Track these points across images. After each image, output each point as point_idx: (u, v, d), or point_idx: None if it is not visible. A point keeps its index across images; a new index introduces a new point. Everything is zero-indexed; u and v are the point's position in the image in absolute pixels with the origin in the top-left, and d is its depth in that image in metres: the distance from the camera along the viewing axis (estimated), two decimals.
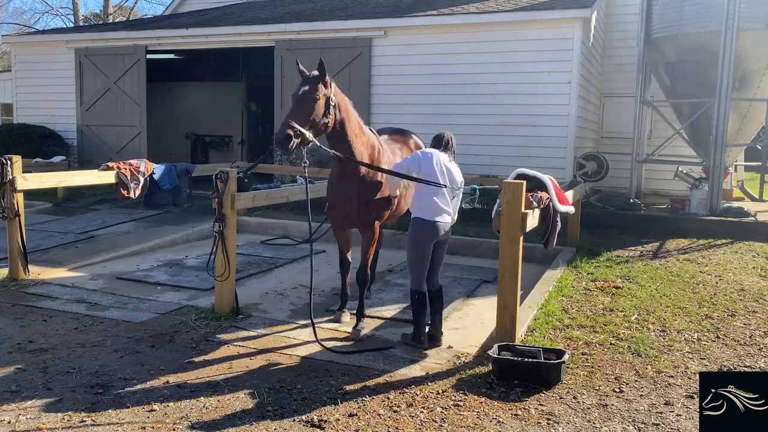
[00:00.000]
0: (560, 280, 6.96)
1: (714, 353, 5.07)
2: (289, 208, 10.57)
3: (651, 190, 13.29)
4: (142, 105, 14.04)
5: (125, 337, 5.24)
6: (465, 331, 5.61)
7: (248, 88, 17.00)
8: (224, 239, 5.70)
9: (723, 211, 10.37)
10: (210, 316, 5.74)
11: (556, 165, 10.60)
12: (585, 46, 11.20)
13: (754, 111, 11.27)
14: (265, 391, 4.25)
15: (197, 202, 11.12)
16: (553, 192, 5.74)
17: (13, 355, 4.81)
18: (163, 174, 10.11)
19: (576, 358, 4.89)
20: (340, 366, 4.72)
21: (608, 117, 14.05)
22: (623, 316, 5.90)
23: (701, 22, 10.56)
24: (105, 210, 11.29)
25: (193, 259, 8.13)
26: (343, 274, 5.88)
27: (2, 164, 6.64)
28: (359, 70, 11.99)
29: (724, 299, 6.46)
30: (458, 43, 11.46)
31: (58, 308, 5.96)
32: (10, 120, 17.09)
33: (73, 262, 7.70)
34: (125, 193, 8.51)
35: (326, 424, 3.82)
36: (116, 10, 34.46)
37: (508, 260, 4.92)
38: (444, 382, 4.46)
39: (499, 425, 3.85)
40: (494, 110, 11.17)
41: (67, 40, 14.82)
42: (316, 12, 13.94)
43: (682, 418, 3.97)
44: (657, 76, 12.04)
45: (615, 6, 13.77)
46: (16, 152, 7.28)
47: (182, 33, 13.61)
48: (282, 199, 7.59)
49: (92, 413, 3.90)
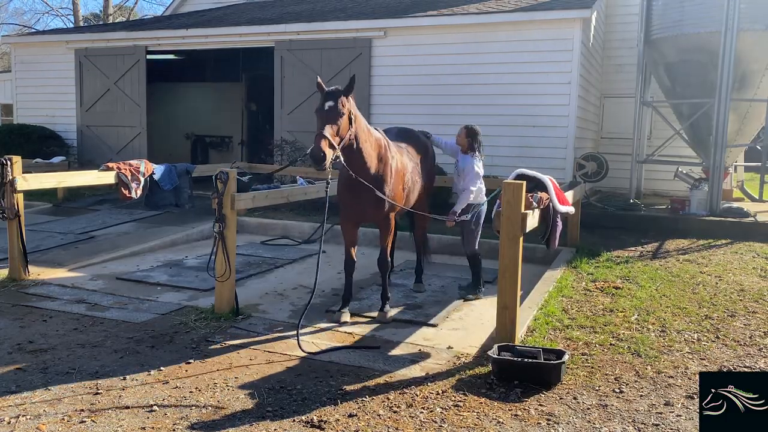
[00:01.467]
0: (560, 281, 6.96)
1: (714, 353, 5.07)
2: (289, 208, 10.58)
3: (651, 191, 13.29)
4: (142, 105, 14.04)
5: (125, 338, 5.24)
6: (465, 332, 5.61)
7: (248, 88, 17.00)
8: (224, 240, 5.71)
9: (723, 212, 10.37)
10: (210, 317, 5.74)
11: (556, 165, 10.60)
12: (585, 46, 11.21)
13: (754, 111, 11.27)
14: (265, 392, 4.25)
15: (197, 202, 11.10)
16: (553, 192, 5.74)
17: (13, 355, 4.82)
18: (163, 174, 10.09)
19: (576, 358, 4.89)
20: (340, 366, 4.72)
21: (608, 117, 14.05)
22: (623, 316, 5.90)
23: (701, 22, 10.56)
24: (105, 210, 11.30)
25: (193, 260, 8.13)
26: (348, 273, 5.94)
27: (2, 165, 6.64)
28: (359, 70, 11.97)
29: (724, 300, 6.46)
30: (458, 43, 11.46)
31: (58, 308, 5.96)
32: (10, 120, 17.09)
33: (73, 262, 7.70)
34: (126, 193, 8.50)
35: (326, 424, 3.82)
36: (116, 11, 34.46)
37: (508, 260, 4.92)
38: (444, 382, 4.46)
39: (499, 426, 3.85)
40: (494, 110, 11.16)
41: (67, 41, 14.83)
42: (316, 12, 13.95)
43: (682, 419, 3.97)
44: (657, 76, 12.05)
45: (615, 6, 13.77)
46: (16, 153, 7.28)
47: (182, 33, 13.62)
48: (282, 199, 7.58)
49: (92, 413, 3.90)
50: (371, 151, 5.51)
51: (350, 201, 5.71)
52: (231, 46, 13.78)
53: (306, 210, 10.75)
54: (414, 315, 6.03)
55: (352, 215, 5.84)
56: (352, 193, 5.62)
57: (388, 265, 6.02)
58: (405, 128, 6.86)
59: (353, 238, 5.96)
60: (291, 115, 12.67)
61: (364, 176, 5.47)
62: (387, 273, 6.04)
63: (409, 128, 6.91)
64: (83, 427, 3.74)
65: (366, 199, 5.60)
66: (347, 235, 5.92)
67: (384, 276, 5.98)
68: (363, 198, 5.60)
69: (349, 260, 5.92)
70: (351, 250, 5.93)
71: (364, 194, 5.57)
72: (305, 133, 12.45)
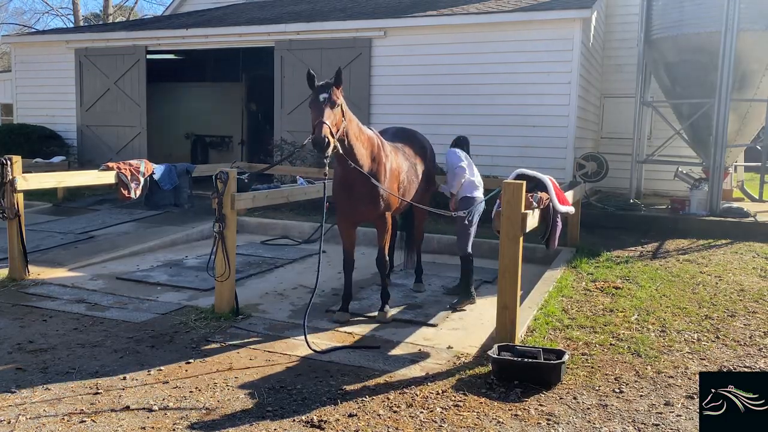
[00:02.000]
0: (560, 281, 6.96)
1: (714, 353, 5.07)
2: (289, 208, 10.58)
3: (651, 191, 13.29)
4: (142, 105, 14.04)
5: (125, 338, 5.24)
6: (465, 332, 5.61)
7: (248, 88, 17.00)
8: (224, 239, 5.71)
9: (723, 212, 10.37)
10: (210, 317, 5.74)
11: (556, 165, 10.60)
12: (585, 46, 11.21)
13: (754, 111, 11.27)
14: (265, 392, 4.25)
15: (197, 202, 11.10)
16: (553, 192, 5.74)
17: (13, 355, 4.82)
18: (163, 174, 10.08)
19: (576, 358, 4.89)
20: (340, 366, 4.72)
21: (608, 117, 14.05)
22: (623, 316, 5.90)
23: (701, 22, 10.56)
24: (105, 210, 11.30)
25: (193, 260, 8.13)
26: (347, 273, 5.94)
27: (2, 164, 6.64)
28: (359, 70, 11.99)
29: (724, 300, 6.46)
30: (458, 43, 11.46)
31: (58, 308, 5.96)
32: (10, 120, 17.09)
33: (73, 262, 7.70)
34: (126, 193, 8.49)
35: (326, 424, 3.82)
36: (116, 11, 34.46)
37: (508, 260, 4.92)
38: (444, 382, 4.46)
39: (499, 426, 3.85)
40: (494, 110, 11.17)
41: (67, 41, 14.83)
42: (315, 12, 13.94)
43: (682, 419, 3.97)
44: (657, 76, 12.04)
45: (615, 6, 13.77)
46: (16, 152, 7.28)
47: (182, 33, 13.61)
48: (282, 199, 7.58)
49: (92, 413, 3.90)
50: (362, 149, 5.46)
51: (346, 200, 5.72)
52: (231, 46, 13.78)
53: (306, 210, 10.75)
54: (414, 315, 6.03)
55: (348, 214, 5.84)
56: (347, 192, 5.64)
57: (386, 265, 6.03)
58: (403, 128, 6.85)
59: (351, 238, 5.97)
60: (291, 115, 12.67)
61: (356, 174, 5.44)
62: (386, 272, 6.06)
63: (408, 128, 6.89)
64: (83, 427, 3.74)
65: (361, 198, 5.60)
66: (345, 235, 5.94)
67: (383, 275, 5.99)
68: (358, 197, 5.61)
69: (348, 260, 5.94)
70: (350, 249, 5.94)
71: (358, 193, 5.57)
72: (305, 133, 12.37)
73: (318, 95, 5.05)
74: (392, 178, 5.80)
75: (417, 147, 6.59)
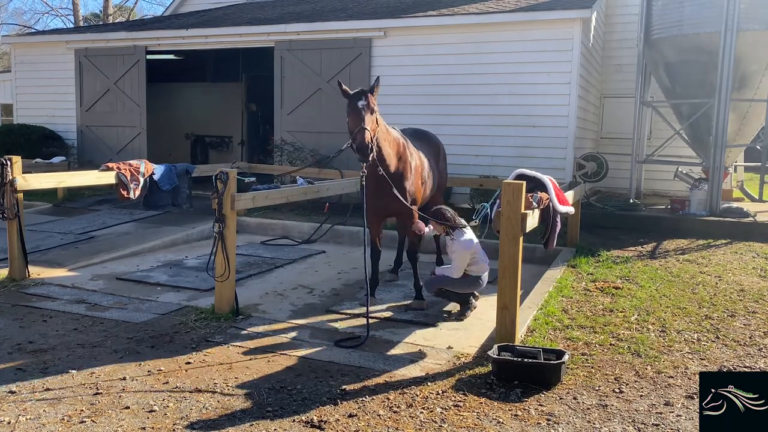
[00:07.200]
0: (560, 281, 6.96)
1: (714, 353, 5.07)
2: (289, 208, 10.58)
3: (651, 191, 13.29)
4: (142, 105, 14.03)
5: (125, 338, 5.24)
6: (465, 332, 5.61)
7: (248, 88, 17.00)
8: (224, 240, 5.71)
9: (723, 212, 10.37)
10: (210, 317, 5.74)
11: (556, 165, 10.59)
12: (585, 46, 11.21)
13: (753, 111, 11.27)
14: (265, 392, 4.25)
15: (197, 202, 11.11)
16: (553, 192, 5.74)
17: (13, 355, 4.82)
18: (163, 175, 10.10)
19: (576, 358, 4.89)
20: (340, 366, 4.73)
21: (608, 117, 14.05)
22: (623, 316, 5.90)
23: (701, 22, 10.55)
24: (105, 210, 11.30)
25: (193, 260, 8.13)
26: (374, 261, 6.40)
27: (2, 165, 6.65)
28: (359, 70, 11.98)
29: (724, 300, 6.46)
30: (458, 43, 11.45)
31: (58, 309, 5.96)
32: (10, 120, 17.09)
33: (73, 262, 7.70)
34: (125, 193, 8.50)
35: (326, 424, 3.82)
36: (116, 11, 34.48)
37: (507, 261, 4.92)
38: (444, 382, 4.46)
39: (499, 426, 3.85)
40: (494, 111, 11.16)
41: (67, 41, 14.82)
42: (316, 12, 13.94)
43: (682, 419, 3.97)
44: (657, 76, 12.04)
45: (615, 6, 13.77)
46: (16, 153, 7.28)
47: (182, 33, 13.60)
48: (282, 199, 7.58)
49: (92, 414, 3.90)
50: (390, 150, 5.89)
51: (376, 196, 5.99)
52: (231, 46, 13.77)
53: (306, 210, 10.75)
54: (414, 315, 6.03)
55: (377, 208, 6.16)
56: (377, 189, 5.90)
57: (417, 256, 6.41)
58: (418, 129, 7.33)
59: (378, 229, 6.46)
60: (291, 115, 12.67)
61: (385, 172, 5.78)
62: (416, 263, 6.35)
63: (423, 129, 7.37)
64: (83, 427, 3.74)
65: (390, 194, 5.88)
66: (372, 227, 6.32)
67: (414, 266, 6.32)
68: (387, 192, 5.88)
69: (375, 249, 6.41)
70: (376, 240, 6.42)
71: (388, 189, 5.86)
72: (305, 133, 12.48)
73: (356, 102, 5.40)
74: (416, 175, 6.29)
75: (432, 147, 7.09)
